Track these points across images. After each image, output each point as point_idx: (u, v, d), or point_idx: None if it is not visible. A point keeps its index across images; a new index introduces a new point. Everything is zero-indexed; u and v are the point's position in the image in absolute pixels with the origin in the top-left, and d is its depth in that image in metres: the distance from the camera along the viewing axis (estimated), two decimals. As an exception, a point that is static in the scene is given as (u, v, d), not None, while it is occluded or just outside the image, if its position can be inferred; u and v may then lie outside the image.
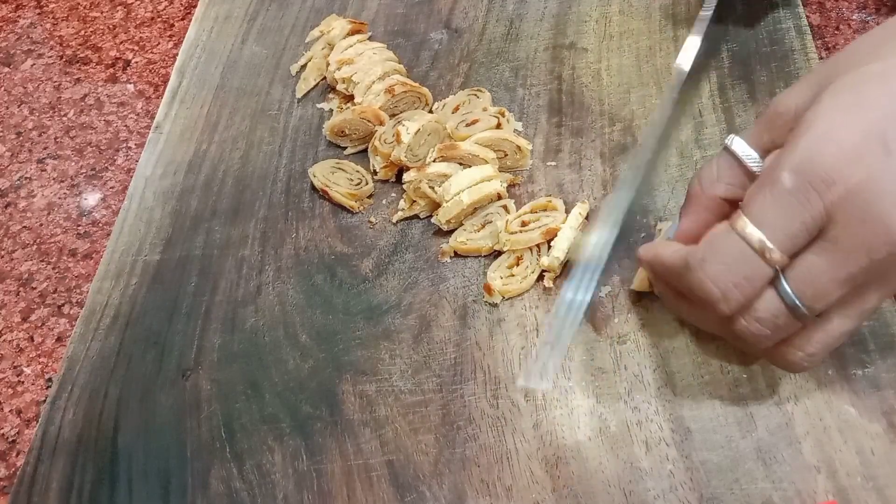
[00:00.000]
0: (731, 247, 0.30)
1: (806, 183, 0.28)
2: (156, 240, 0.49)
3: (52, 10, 0.71)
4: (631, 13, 0.52)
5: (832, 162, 0.28)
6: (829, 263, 0.29)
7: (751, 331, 0.31)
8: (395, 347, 0.41)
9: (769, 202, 0.29)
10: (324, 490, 0.37)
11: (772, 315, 0.30)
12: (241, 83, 0.57)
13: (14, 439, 0.45)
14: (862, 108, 0.29)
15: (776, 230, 0.29)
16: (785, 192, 0.29)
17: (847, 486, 0.32)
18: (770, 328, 0.30)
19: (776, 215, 0.29)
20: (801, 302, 0.29)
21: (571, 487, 0.35)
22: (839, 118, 0.29)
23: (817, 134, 0.29)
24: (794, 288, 0.29)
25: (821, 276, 0.29)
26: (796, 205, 0.29)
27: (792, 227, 0.29)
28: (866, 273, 0.29)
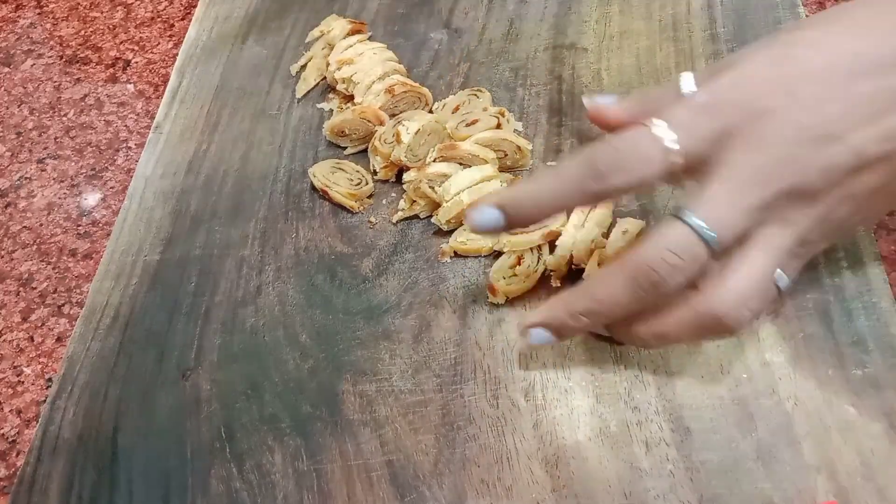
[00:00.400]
0: (638, 136, 0.32)
1: (714, 101, 0.32)
2: (156, 240, 0.49)
3: (52, 10, 0.71)
4: (631, 13, 0.52)
5: (742, 91, 0.31)
6: (727, 189, 0.31)
7: (665, 262, 0.31)
8: (395, 347, 0.41)
9: (681, 110, 0.32)
10: (324, 490, 0.37)
11: (681, 241, 0.31)
12: (241, 83, 0.57)
13: (14, 439, 0.45)
14: (780, 63, 0.32)
15: (682, 134, 0.31)
16: (696, 105, 0.32)
17: (847, 486, 0.32)
18: (683, 256, 0.31)
19: (684, 122, 0.32)
20: (707, 226, 0.30)
21: (571, 487, 0.35)
22: (761, 66, 0.32)
23: (738, 71, 0.32)
24: (698, 215, 0.31)
25: (722, 201, 0.31)
26: (701, 117, 0.31)
27: (697, 132, 0.31)
28: (766, 205, 0.30)
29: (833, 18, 0.33)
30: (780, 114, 0.31)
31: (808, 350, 0.36)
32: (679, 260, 0.31)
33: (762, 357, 0.36)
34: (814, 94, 0.31)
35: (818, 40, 0.32)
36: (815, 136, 0.30)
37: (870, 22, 0.32)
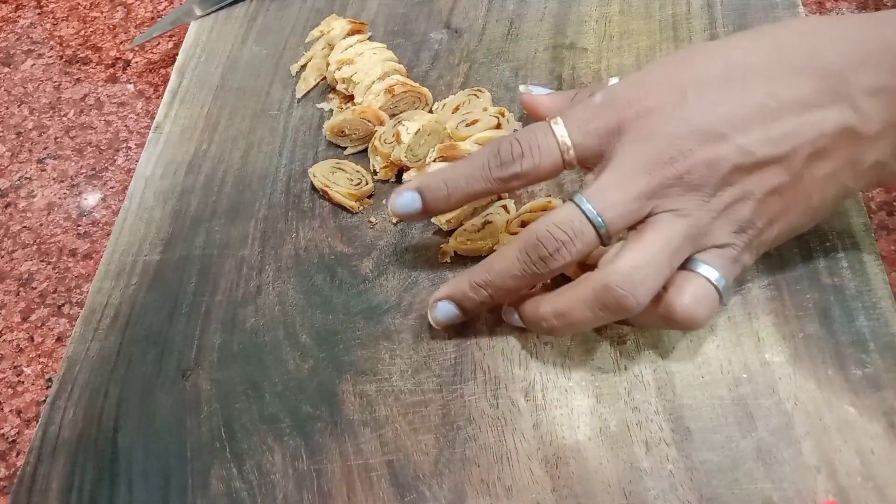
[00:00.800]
0: (538, 131, 0.35)
1: (609, 101, 0.34)
2: (156, 240, 0.49)
3: (52, 10, 0.71)
4: (631, 13, 0.52)
5: (636, 91, 0.34)
6: (617, 177, 0.33)
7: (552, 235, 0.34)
8: (395, 347, 0.41)
9: (579, 110, 0.35)
10: (324, 490, 0.37)
11: (568, 217, 0.34)
12: (241, 83, 0.57)
13: (14, 439, 0.45)
14: (678, 68, 0.34)
15: (574, 131, 0.35)
16: (593, 104, 0.35)
17: (847, 486, 0.32)
18: (568, 231, 0.33)
19: (579, 119, 0.35)
20: (594, 209, 0.33)
21: (571, 487, 0.35)
22: (658, 70, 0.35)
23: (638, 74, 0.35)
24: (587, 197, 0.33)
25: (611, 187, 0.33)
26: (596, 115, 0.34)
27: (586, 131, 0.34)
28: (652, 192, 0.33)
29: (744, 34, 0.35)
30: (668, 111, 0.33)
31: (808, 350, 0.36)
32: (564, 235, 0.33)
33: (762, 357, 0.36)
34: (704, 96, 0.33)
35: (719, 50, 0.34)
36: (702, 132, 0.32)
37: (774, 38, 0.34)
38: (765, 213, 0.34)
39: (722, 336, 0.37)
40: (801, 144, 0.32)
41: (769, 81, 0.32)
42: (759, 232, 0.34)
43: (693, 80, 0.33)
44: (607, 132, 0.34)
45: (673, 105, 0.33)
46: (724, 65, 0.33)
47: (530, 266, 0.35)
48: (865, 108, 0.32)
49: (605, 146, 0.34)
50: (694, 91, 0.33)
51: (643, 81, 0.34)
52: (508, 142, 0.36)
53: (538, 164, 0.35)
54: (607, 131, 0.34)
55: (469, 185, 0.37)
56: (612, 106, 0.34)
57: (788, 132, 0.32)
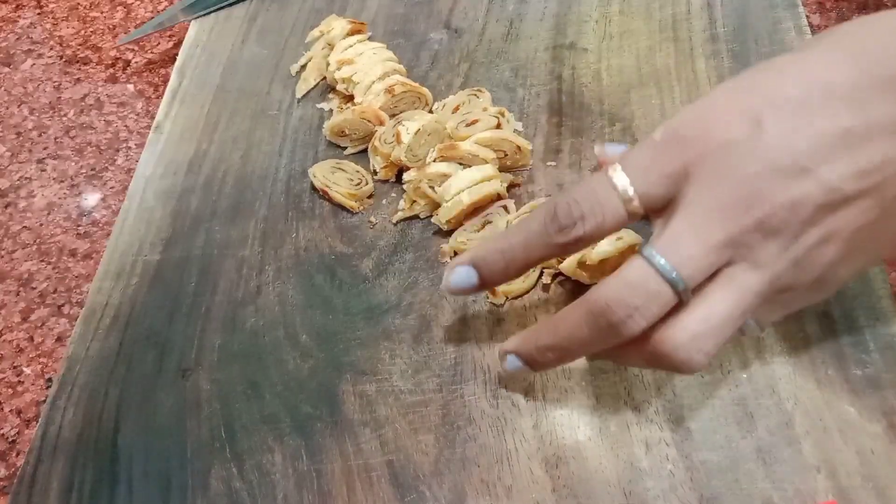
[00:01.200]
0: (597, 185, 0.31)
1: (672, 138, 0.30)
2: (156, 240, 0.49)
3: (52, 10, 0.71)
4: (631, 13, 0.52)
5: (701, 125, 0.30)
6: (691, 224, 0.29)
7: (624, 300, 0.29)
8: (395, 347, 0.41)
9: (638, 152, 0.31)
10: (324, 490, 0.37)
11: (642, 279, 0.29)
12: (241, 83, 0.57)
13: (14, 439, 0.45)
14: (747, 92, 0.30)
15: (637, 178, 0.30)
16: (653, 144, 0.30)
17: (847, 486, 0.32)
18: (642, 295, 0.29)
19: (640, 164, 0.30)
20: (668, 264, 0.29)
21: (571, 487, 0.35)
22: (723, 97, 0.30)
23: (698, 104, 0.30)
24: (660, 251, 0.29)
25: (685, 237, 0.29)
26: (659, 156, 0.30)
27: (651, 177, 0.30)
28: (731, 241, 0.29)
29: (820, 41, 0.31)
30: (742, 145, 0.29)
31: (808, 350, 0.36)
32: (637, 299, 0.29)
33: (762, 357, 0.36)
34: (781, 124, 0.29)
35: (792, 67, 0.30)
36: (782, 169, 0.28)
37: (854, 46, 0.29)
38: (850, 257, 0.30)
39: (722, 336, 0.37)
40: (893, 174, 0.28)
41: (854, 100, 0.28)
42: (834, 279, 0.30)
43: (766, 105, 0.29)
44: (674, 175, 0.30)
45: (748, 139, 0.29)
46: (801, 84, 0.29)
47: (600, 332, 0.31)
48: None
49: (673, 191, 0.30)
50: (769, 119, 0.29)
51: (709, 111, 0.30)
52: (566, 203, 0.31)
53: (601, 224, 0.31)
54: (674, 174, 0.30)
55: (528, 254, 0.33)
56: (675, 144, 0.30)
57: (878, 161, 0.28)
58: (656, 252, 0.29)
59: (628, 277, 0.30)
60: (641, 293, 0.29)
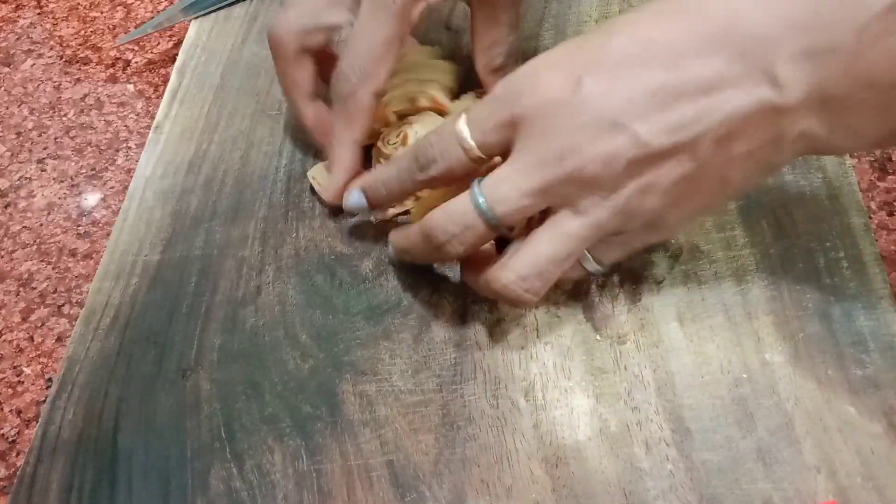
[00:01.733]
0: (445, 133, 0.35)
1: (506, 92, 0.33)
2: (156, 240, 0.49)
3: (52, 10, 0.71)
4: (631, 13, 0.52)
5: (531, 80, 0.32)
6: (512, 171, 0.32)
7: (443, 228, 0.34)
8: (395, 347, 0.41)
9: (480, 104, 0.34)
10: (324, 490, 0.37)
11: (461, 210, 0.34)
12: (241, 83, 0.57)
13: (14, 439, 0.45)
14: (577, 50, 0.32)
15: (475, 129, 0.34)
16: (492, 97, 0.34)
17: (847, 486, 0.32)
18: (459, 224, 0.34)
19: (480, 115, 0.34)
20: (485, 202, 0.33)
21: (571, 487, 0.35)
22: (556, 55, 0.33)
23: (533, 61, 0.33)
24: (481, 190, 0.33)
25: (505, 181, 0.32)
26: (494, 108, 0.33)
27: (486, 126, 0.33)
28: (547, 189, 0.32)
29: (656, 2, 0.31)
30: (561, 101, 0.31)
31: (808, 350, 0.36)
32: (455, 227, 0.34)
33: (762, 357, 0.36)
34: (600, 81, 0.30)
35: (622, 26, 0.31)
36: (598, 124, 0.30)
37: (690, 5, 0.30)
38: (676, 205, 0.32)
39: (722, 336, 0.37)
40: (704, 131, 0.29)
41: (674, 58, 0.29)
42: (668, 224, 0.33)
43: (591, 63, 0.31)
44: (504, 126, 0.33)
45: (567, 94, 0.31)
46: (626, 42, 0.30)
47: (428, 249, 0.36)
48: (788, 76, 0.28)
49: (506, 140, 0.33)
50: (590, 76, 0.30)
51: (539, 68, 0.32)
52: (424, 145, 0.36)
53: (450, 167, 0.35)
54: (504, 125, 0.33)
55: (401, 185, 0.39)
56: (507, 97, 0.33)
57: (690, 118, 0.29)
58: (478, 191, 0.33)
59: (450, 207, 0.34)
60: (459, 223, 0.34)
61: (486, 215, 0.33)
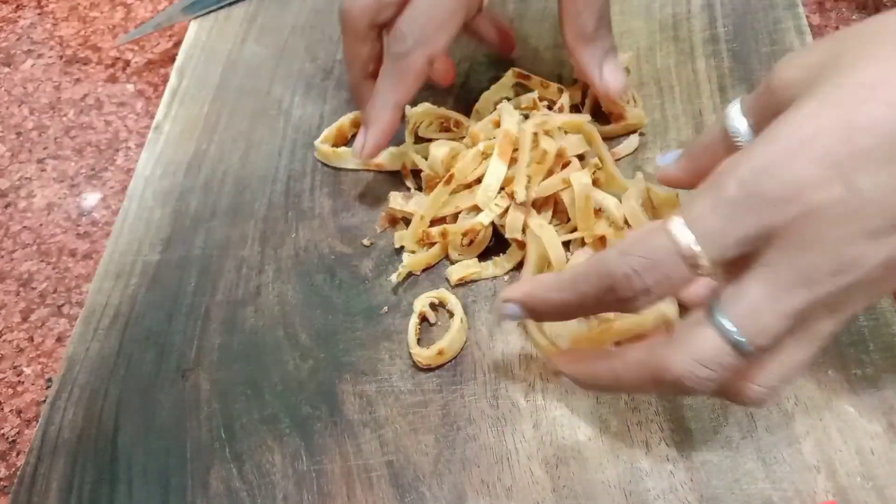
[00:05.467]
0: (657, 243, 0.27)
1: (751, 197, 0.25)
2: (155, 240, 0.49)
3: (52, 10, 0.71)
4: (631, 13, 0.52)
5: (791, 183, 0.25)
6: (770, 294, 0.26)
7: (694, 374, 0.27)
8: (395, 347, 0.41)
9: (708, 207, 0.26)
10: (324, 490, 0.37)
11: (714, 353, 0.27)
12: (241, 83, 0.57)
13: (14, 439, 0.45)
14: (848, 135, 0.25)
15: (709, 242, 0.26)
16: (727, 201, 0.26)
17: (847, 485, 0.32)
18: (715, 369, 0.27)
19: (712, 225, 0.26)
20: (742, 337, 0.26)
21: (571, 487, 0.35)
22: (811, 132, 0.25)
23: (780, 145, 0.25)
24: (734, 322, 0.26)
25: (762, 307, 0.26)
26: (736, 218, 0.26)
27: (727, 241, 0.26)
28: (812, 306, 0.26)
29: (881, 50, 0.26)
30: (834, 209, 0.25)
31: (807, 350, 0.36)
32: (709, 373, 0.27)
33: (762, 357, 0.36)
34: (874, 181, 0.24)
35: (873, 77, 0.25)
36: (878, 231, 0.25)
37: None
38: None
39: (722, 336, 0.37)
40: None
41: None
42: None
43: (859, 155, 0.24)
44: (753, 239, 0.26)
45: (838, 200, 0.25)
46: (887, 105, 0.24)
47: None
48: None
49: (749, 251, 0.26)
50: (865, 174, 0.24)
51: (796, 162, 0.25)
52: (625, 275, 0.27)
53: (664, 294, 0.28)
54: (753, 238, 0.26)
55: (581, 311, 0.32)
56: (756, 205, 0.25)
57: None
58: (726, 317, 0.27)
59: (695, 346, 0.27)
60: (715, 367, 0.27)
61: (743, 347, 0.26)
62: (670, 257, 0.26)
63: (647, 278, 0.27)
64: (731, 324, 0.26)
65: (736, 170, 0.26)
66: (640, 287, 0.27)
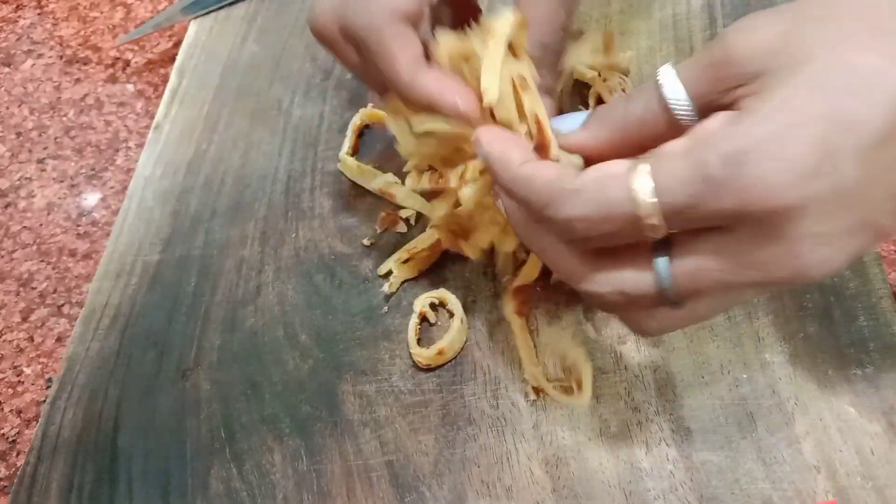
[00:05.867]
0: (614, 190, 0.25)
1: (733, 178, 0.24)
2: (155, 240, 0.49)
3: (52, 10, 0.71)
4: (631, 13, 0.52)
5: (773, 168, 0.23)
6: (722, 268, 0.25)
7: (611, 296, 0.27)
8: (395, 347, 0.41)
9: (682, 172, 0.24)
10: (323, 490, 0.37)
11: (637, 290, 0.27)
12: (240, 83, 0.57)
13: (14, 439, 0.45)
14: (834, 131, 0.23)
15: (671, 203, 0.25)
16: (707, 178, 0.24)
17: (847, 485, 0.32)
18: (631, 300, 0.27)
19: (682, 190, 0.24)
20: (674, 292, 0.26)
21: (571, 488, 0.35)
22: (800, 119, 0.24)
23: (768, 128, 0.24)
24: (674, 275, 0.26)
25: (708, 275, 0.26)
26: (714, 196, 0.24)
27: (695, 214, 0.25)
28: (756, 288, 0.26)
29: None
30: (816, 206, 0.24)
31: (808, 350, 0.36)
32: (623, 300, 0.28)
33: (762, 357, 0.36)
34: (865, 175, 0.24)
35: (883, 71, 0.24)
36: (849, 229, 0.24)
37: None
38: None
39: (722, 336, 0.37)
40: None
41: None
42: None
43: (849, 149, 0.24)
44: (725, 216, 0.25)
45: (827, 195, 0.24)
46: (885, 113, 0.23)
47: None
48: None
49: (714, 224, 0.26)
50: (853, 169, 0.24)
51: (786, 150, 0.24)
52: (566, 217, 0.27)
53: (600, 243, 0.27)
54: (725, 216, 0.25)
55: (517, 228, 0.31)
56: (739, 189, 0.24)
57: None
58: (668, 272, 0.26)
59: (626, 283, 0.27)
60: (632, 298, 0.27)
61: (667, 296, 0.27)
62: (625, 218, 0.25)
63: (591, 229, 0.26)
64: (669, 276, 0.26)
65: (719, 145, 0.24)
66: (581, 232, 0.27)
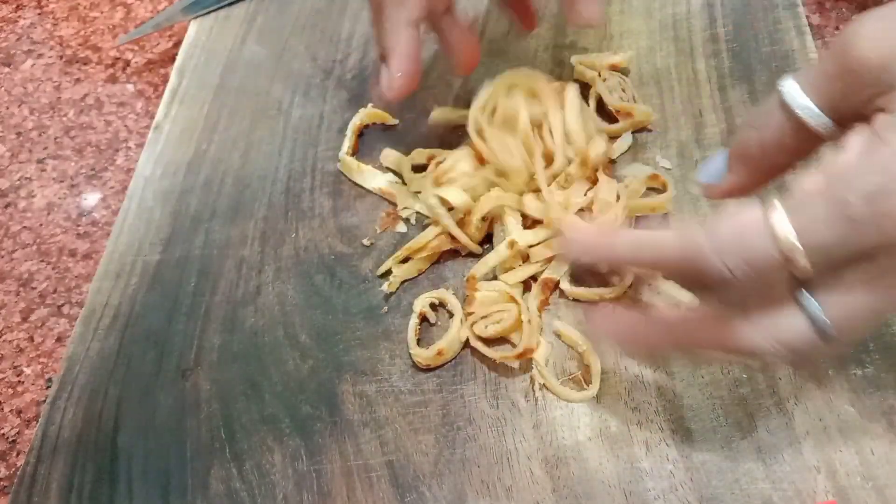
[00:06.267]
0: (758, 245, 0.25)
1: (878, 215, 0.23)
2: (155, 240, 0.49)
3: (52, 10, 0.71)
4: (631, 13, 0.52)
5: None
6: (873, 297, 0.25)
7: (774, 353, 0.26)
8: (395, 347, 0.41)
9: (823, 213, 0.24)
10: (323, 490, 0.37)
11: (798, 338, 0.26)
12: (241, 83, 0.57)
13: (14, 439, 0.45)
14: None
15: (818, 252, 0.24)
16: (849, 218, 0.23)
17: (847, 486, 0.32)
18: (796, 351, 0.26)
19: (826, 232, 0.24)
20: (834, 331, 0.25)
21: (571, 488, 0.35)
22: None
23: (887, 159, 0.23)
24: (829, 314, 0.25)
25: (861, 305, 0.25)
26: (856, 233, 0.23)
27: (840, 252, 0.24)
28: None
29: None
30: None
31: (807, 350, 0.36)
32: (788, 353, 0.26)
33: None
34: None
35: None
36: None
37: None
38: None
39: (722, 336, 0.37)
40: None
41: None
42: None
43: None
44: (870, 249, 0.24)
45: None
46: None
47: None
48: None
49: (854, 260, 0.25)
50: None
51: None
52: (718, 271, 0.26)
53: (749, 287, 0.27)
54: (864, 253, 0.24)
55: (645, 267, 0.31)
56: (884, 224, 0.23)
57: None
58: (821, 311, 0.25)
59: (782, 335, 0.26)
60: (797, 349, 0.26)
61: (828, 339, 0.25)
62: (771, 265, 0.25)
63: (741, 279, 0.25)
64: (824, 315, 0.25)
65: (859, 184, 0.23)
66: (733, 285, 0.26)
